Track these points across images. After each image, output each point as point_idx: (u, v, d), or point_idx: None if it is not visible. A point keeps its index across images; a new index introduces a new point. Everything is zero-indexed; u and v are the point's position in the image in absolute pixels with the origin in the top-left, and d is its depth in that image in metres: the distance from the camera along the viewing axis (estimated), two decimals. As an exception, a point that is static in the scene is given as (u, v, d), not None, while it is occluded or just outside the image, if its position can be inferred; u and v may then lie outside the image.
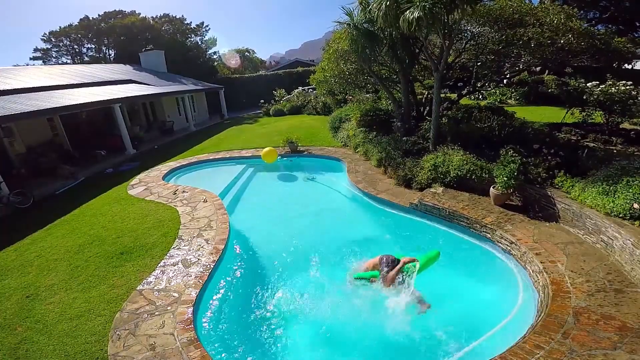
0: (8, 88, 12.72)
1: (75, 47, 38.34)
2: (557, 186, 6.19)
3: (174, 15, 38.21)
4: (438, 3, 6.24)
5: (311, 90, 23.18)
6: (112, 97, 14.04)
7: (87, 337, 4.04)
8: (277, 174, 11.16)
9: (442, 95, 10.44)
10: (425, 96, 11.91)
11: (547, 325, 3.59)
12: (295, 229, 7.08)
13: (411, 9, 6.31)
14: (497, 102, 15.86)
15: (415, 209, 6.93)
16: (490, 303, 4.69)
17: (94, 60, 35.33)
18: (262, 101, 24.73)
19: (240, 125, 20.43)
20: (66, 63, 35.87)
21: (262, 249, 6.43)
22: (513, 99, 17.09)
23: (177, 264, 5.41)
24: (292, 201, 8.85)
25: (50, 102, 11.60)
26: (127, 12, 37.04)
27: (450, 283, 5.17)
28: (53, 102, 11.78)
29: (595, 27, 13.64)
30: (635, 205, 4.63)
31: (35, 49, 37.72)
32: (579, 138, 8.79)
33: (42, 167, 11.35)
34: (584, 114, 9.75)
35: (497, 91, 17.29)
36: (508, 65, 9.94)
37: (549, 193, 6.05)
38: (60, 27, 36.73)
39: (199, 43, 37.72)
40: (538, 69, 17.28)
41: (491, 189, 6.47)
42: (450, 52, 8.94)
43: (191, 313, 4.25)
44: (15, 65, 30.90)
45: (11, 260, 6.13)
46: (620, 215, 4.79)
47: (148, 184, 9.73)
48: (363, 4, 8.28)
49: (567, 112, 10.47)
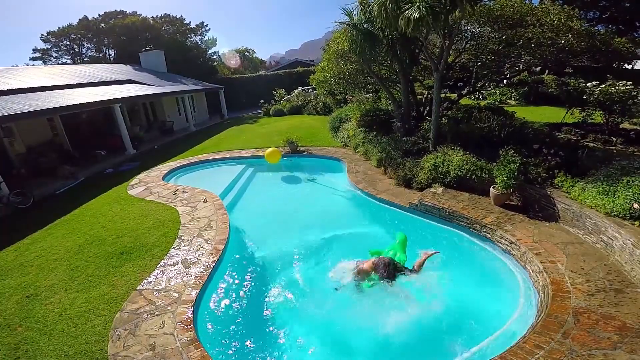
0: (8, 88, 12.72)
1: (75, 47, 38.34)
2: (557, 186, 6.18)
3: (174, 15, 38.25)
4: (438, 2, 6.24)
5: (311, 90, 23.15)
6: (112, 97, 14.04)
7: (87, 337, 4.04)
8: (277, 174, 11.17)
9: (442, 95, 10.44)
10: (425, 96, 11.90)
11: (547, 325, 3.59)
12: (295, 229, 7.08)
13: (412, 8, 6.30)
14: (497, 102, 15.87)
15: (415, 209, 6.94)
16: (490, 303, 4.69)
17: (94, 60, 35.29)
18: (262, 101, 24.73)
19: (240, 125, 20.42)
20: (66, 63, 35.88)
21: (262, 249, 6.43)
22: (513, 99, 17.10)
23: (177, 264, 5.42)
24: (292, 201, 8.86)
25: (50, 102, 11.60)
26: (127, 13, 37.07)
27: (449, 283, 5.15)
28: (53, 102, 11.78)
29: (595, 27, 13.62)
30: (635, 205, 4.63)
31: (35, 49, 37.76)
32: (579, 138, 8.80)
33: (42, 167, 11.35)
34: (584, 114, 9.76)
35: (497, 91, 17.30)
36: (508, 65, 9.93)
37: (549, 193, 6.05)
38: (59, 27, 36.75)
39: (199, 43, 37.74)
40: (538, 69, 17.29)
41: (491, 189, 6.47)
42: (450, 52, 8.94)
43: (191, 313, 4.25)
44: (15, 65, 30.93)
45: (11, 260, 6.13)
46: (620, 215, 4.79)
47: (148, 184, 9.73)
48: (363, 4, 8.29)
49: (567, 112, 10.48)
